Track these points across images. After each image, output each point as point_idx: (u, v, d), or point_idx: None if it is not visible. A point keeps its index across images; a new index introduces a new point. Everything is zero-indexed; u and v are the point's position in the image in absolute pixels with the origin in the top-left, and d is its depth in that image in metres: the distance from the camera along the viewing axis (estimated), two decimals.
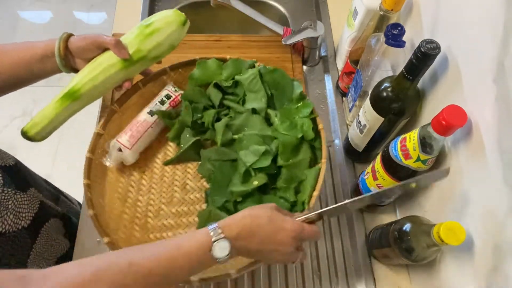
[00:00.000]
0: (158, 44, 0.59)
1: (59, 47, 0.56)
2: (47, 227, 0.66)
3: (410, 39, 0.65)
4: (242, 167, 0.60)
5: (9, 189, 0.58)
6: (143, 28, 0.59)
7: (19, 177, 0.63)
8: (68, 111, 0.58)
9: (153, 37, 0.59)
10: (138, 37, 0.58)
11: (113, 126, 0.67)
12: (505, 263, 0.42)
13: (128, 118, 0.69)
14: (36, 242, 0.63)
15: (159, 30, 0.59)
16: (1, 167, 0.60)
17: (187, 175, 0.69)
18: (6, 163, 0.62)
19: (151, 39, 0.58)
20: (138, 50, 0.58)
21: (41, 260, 0.65)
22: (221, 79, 0.69)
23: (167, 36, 0.59)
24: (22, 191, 0.61)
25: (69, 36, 0.57)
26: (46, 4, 2.20)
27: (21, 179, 0.64)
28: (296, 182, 0.60)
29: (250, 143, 0.62)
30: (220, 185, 0.61)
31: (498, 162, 0.42)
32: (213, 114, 0.65)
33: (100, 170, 0.64)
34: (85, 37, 0.57)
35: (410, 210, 0.66)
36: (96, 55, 0.58)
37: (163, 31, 0.59)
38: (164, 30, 0.59)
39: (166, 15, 0.60)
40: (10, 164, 0.63)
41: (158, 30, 0.58)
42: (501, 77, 0.42)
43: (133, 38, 0.59)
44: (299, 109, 0.64)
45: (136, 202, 0.65)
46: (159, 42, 0.59)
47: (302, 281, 0.67)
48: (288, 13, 1.03)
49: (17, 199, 0.59)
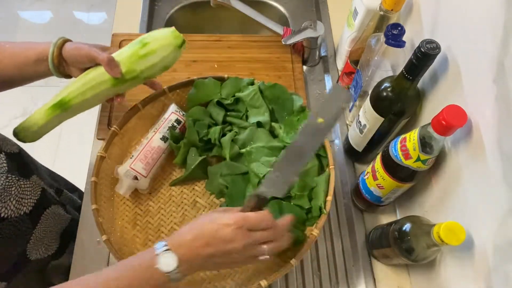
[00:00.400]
0: (151, 66, 0.58)
1: (52, 53, 0.55)
2: (48, 213, 0.66)
3: (410, 39, 0.65)
4: (255, 179, 0.61)
5: (13, 176, 0.58)
6: (138, 48, 0.57)
7: (22, 164, 0.64)
8: (57, 120, 0.58)
9: (147, 59, 0.57)
10: (132, 57, 0.57)
11: (115, 148, 0.67)
12: (505, 263, 0.42)
13: (128, 140, 0.69)
14: (36, 227, 0.63)
15: (154, 52, 0.57)
16: (6, 154, 0.60)
17: (196, 193, 0.69)
18: (11, 150, 0.62)
19: (145, 60, 0.57)
20: (131, 70, 0.57)
21: (40, 245, 0.65)
22: (220, 97, 0.70)
23: (162, 58, 0.58)
24: (25, 178, 0.61)
25: (65, 42, 0.57)
26: (46, 4, 2.20)
27: (25, 166, 0.64)
28: (308, 189, 0.62)
29: (259, 155, 0.63)
30: (236, 198, 0.62)
31: (498, 162, 0.42)
32: (219, 131, 0.66)
33: (105, 195, 0.64)
34: (79, 47, 0.56)
35: (410, 210, 0.66)
36: (89, 66, 0.58)
37: (158, 53, 0.57)
38: (159, 52, 0.57)
39: (163, 36, 0.58)
40: (14, 151, 0.63)
41: (153, 52, 0.57)
42: (501, 77, 0.42)
43: (127, 57, 0.57)
44: (300, 121, 0.66)
45: (147, 225, 0.65)
46: (153, 64, 0.58)
47: (302, 281, 0.67)
48: (288, 13, 1.03)
49: (20, 185, 0.59)
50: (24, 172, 0.62)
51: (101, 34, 1.97)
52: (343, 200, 0.74)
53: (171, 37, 0.58)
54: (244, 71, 0.86)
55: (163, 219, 0.66)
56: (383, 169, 0.57)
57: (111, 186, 0.65)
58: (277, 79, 0.84)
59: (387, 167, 0.57)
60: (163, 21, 1.00)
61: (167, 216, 0.66)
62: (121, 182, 0.63)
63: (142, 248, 0.62)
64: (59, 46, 0.56)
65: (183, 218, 0.66)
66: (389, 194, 0.61)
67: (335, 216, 0.73)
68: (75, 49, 0.56)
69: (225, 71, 0.86)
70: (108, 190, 0.64)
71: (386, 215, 0.72)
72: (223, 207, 0.46)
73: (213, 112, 0.70)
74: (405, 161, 0.53)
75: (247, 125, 0.68)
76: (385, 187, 0.60)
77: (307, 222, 0.61)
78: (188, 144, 0.67)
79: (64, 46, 0.56)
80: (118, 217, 0.64)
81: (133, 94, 0.81)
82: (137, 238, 0.63)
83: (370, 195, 0.64)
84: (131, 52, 0.57)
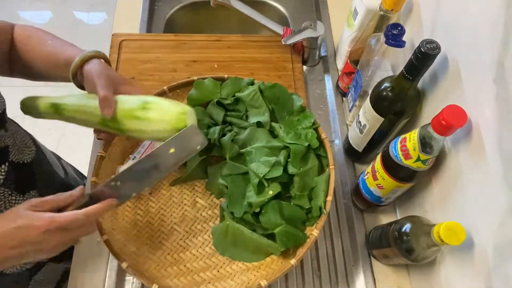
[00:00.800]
0: (140, 131, 0.54)
1: (75, 63, 0.54)
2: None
3: (410, 39, 0.65)
4: (255, 179, 0.61)
5: (6, 189, 0.57)
6: (138, 107, 0.53)
7: (27, 176, 0.62)
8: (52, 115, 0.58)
9: (140, 122, 0.53)
10: (129, 111, 0.53)
11: (115, 148, 0.67)
12: (505, 263, 0.42)
13: (128, 140, 0.69)
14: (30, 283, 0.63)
15: (149, 121, 0.53)
16: (12, 163, 0.58)
17: (196, 193, 0.69)
18: (21, 159, 0.61)
19: (137, 122, 0.53)
20: (120, 121, 0.54)
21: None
22: (220, 97, 0.70)
23: (153, 131, 0.54)
24: (20, 193, 0.60)
25: (93, 57, 0.55)
26: (46, 4, 2.20)
27: (26, 180, 0.62)
28: (308, 189, 0.62)
29: (259, 155, 0.63)
30: (236, 198, 0.62)
31: (498, 162, 0.42)
32: (219, 131, 0.66)
33: None
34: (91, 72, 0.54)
35: (410, 210, 0.66)
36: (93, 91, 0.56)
37: (153, 125, 0.53)
38: (154, 124, 0.53)
39: (167, 111, 0.53)
40: (26, 160, 0.62)
41: (148, 120, 0.53)
42: (501, 77, 0.42)
43: (125, 108, 0.53)
44: (300, 121, 0.66)
45: (147, 225, 0.65)
46: (141, 130, 0.54)
47: (302, 281, 0.67)
48: (288, 13, 1.03)
49: (10, 200, 0.58)
50: (22, 187, 0.60)
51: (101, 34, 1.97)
52: (343, 200, 0.74)
53: (175, 116, 0.53)
54: (244, 71, 0.86)
55: (163, 219, 0.66)
56: (383, 169, 0.57)
57: None
58: (277, 79, 0.84)
59: (387, 167, 0.57)
60: (163, 21, 1.00)
61: (167, 216, 0.66)
62: None
63: (143, 248, 0.62)
64: (84, 59, 0.54)
65: (183, 218, 0.66)
66: (389, 194, 0.61)
67: (335, 216, 0.73)
68: (89, 71, 0.54)
69: (225, 71, 0.86)
70: None
71: (386, 215, 0.72)
72: (37, 198, 0.46)
73: (213, 112, 0.70)
74: (405, 161, 0.53)
75: (247, 125, 0.68)
76: (385, 187, 0.60)
77: (307, 222, 0.61)
78: None
79: (88, 62, 0.54)
80: (118, 217, 0.64)
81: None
82: (137, 238, 0.63)
83: (370, 195, 0.64)
84: (131, 106, 0.54)
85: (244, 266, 0.61)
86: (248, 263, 0.61)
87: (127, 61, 0.86)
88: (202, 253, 0.62)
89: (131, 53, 0.87)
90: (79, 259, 0.66)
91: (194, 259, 0.62)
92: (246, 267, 0.61)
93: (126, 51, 0.87)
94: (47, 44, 0.57)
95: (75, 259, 0.66)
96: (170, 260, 0.61)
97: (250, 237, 0.59)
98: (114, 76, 0.56)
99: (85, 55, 0.54)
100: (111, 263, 0.66)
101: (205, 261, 0.61)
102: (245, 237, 0.60)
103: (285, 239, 0.57)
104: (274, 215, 0.59)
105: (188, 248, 0.63)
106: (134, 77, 0.84)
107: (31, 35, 0.59)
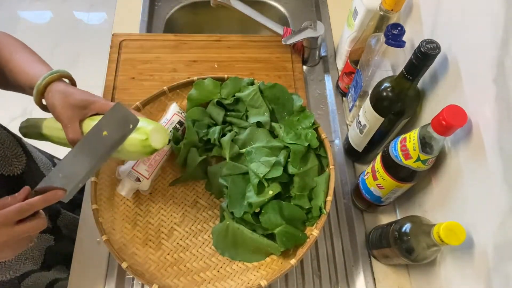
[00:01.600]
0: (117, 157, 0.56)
1: (36, 94, 0.53)
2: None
3: (410, 39, 0.65)
4: (255, 179, 0.61)
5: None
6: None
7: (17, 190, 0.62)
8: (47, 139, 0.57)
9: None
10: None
11: None
12: (505, 263, 0.42)
13: None
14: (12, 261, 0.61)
15: (118, 154, 0.53)
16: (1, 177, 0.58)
17: (196, 193, 0.69)
18: (11, 172, 0.60)
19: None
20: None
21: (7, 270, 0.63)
22: (220, 97, 0.70)
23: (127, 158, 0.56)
24: None
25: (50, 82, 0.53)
26: (46, 4, 2.20)
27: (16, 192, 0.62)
28: (308, 189, 0.62)
29: (259, 155, 0.63)
30: (236, 198, 0.62)
31: (498, 162, 0.43)
32: (219, 131, 0.67)
33: (105, 195, 0.63)
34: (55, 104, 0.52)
35: (410, 210, 0.66)
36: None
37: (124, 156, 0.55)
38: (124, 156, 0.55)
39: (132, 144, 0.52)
40: (16, 173, 0.61)
41: (118, 153, 0.53)
42: (501, 77, 0.42)
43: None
44: (300, 121, 0.66)
45: (147, 225, 0.65)
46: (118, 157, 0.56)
47: (302, 281, 0.67)
48: (288, 13, 1.03)
49: None
50: None
51: (101, 34, 1.98)
52: (343, 200, 0.74)
53: (139, 147, 0.52)
54: (244, 71, 0.86)
55: (163, 219, 0.66)
56: (383, 169, 0.57)
57: (111, 186, 0.65)
58: (277, 79, 0.84)
59: (387, 167, 0.57)
60: (163, 21, 1.00)
61: (167, 216, 0.66)
62: (122, 183, 0.63)
63: (142, 248, 0.62)
64: (46, 85, 0.52)
65: (183, 218, 0.66)
66: (389, 194, 0.61)
67: (335, 216, 0.73)
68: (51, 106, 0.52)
69: (225, 71, 0.86)
70: (108, 190, 0.64)
71: (386, 215, 0.72)
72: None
73: (213, 112, 0.70)
74: (405, 161, 0.53)
75: (247, 125, 0.68)
76: (385, 187, 0.60)
77: (307, 222, 0.61)
78: (188, 144, 0.67)
79: (50, 90, 0.52)
80: (118, 217, 0.64)
81: (133, 94, 0.82)
82: (137, 238, 0.63)
83: (370, 195, 0.64)
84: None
85: (244, 266, 0.61)
86: (248, 263, 0.61)
87: (127, 61, 0.86)
88: (202, 253, 0.62)
89: (131, 53, 0.87)
90: (79, 259, 0.67)
91: (194, 259, 0.62)
92: (246, 267, 0.61)
93: (126, 51, 0.87)
94: (16, 58, 0.55)
95: (75, 259, 0.66)
96: (170, 260, 0.61)
97: (250, 237, 0.59)
98: (78, 102, 0.53)
99: (42, 82, 0.52)
100: (111, 263, 0.66)
101: (205, 261, 0.61)
102: (245, 237, 0.60)
103: (285, 239, 0.57)
104: (274, 215, 0.59)
105: (188, 248, 0.63)
106: (134, 77, 0.84)
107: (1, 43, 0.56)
